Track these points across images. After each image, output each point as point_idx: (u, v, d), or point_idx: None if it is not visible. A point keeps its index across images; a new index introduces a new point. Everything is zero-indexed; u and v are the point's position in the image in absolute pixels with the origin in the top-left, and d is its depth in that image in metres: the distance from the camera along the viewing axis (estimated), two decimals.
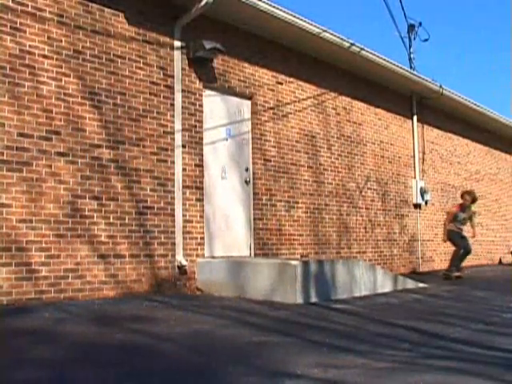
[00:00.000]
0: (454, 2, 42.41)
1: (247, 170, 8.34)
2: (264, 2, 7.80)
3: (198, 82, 7.68)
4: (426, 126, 12.69)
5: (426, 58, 29.34)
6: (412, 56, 14.77)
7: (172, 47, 7.40)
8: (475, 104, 13.38)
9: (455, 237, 10.52)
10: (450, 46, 43.51)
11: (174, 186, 7.21)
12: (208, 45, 7.41)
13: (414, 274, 10.58)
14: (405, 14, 17.32)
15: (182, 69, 7.48)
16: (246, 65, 8.40)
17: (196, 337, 4.49)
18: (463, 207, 10.58)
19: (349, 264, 7.35)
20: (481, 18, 44.03)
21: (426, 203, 12.27)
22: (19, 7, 5.97)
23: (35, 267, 5.81)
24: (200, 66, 7.68)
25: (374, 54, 9.97)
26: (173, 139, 7.27)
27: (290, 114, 9.10)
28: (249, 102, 8.47)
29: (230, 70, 8.14)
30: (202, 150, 7.65)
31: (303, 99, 9.38)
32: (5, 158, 5.72)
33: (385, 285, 7.78)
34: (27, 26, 6.02)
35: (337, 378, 3.29)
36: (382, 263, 10.62)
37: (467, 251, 10.58)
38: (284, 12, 8.16)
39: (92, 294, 6.22)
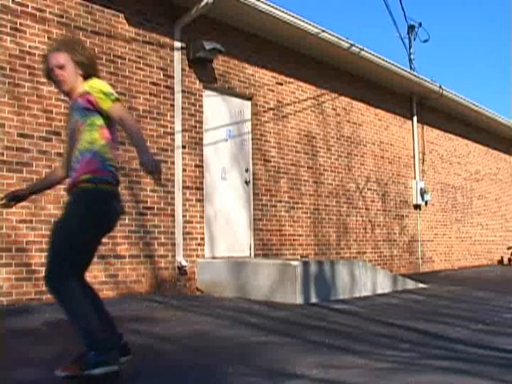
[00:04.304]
0: (453, 3, 42.43)
1: (247, 170, 8.34)
2: (264, 3, 7.81)
3: (198, 82, 7.69)
4: (425, 127, 12.70)
5: (425, 58, 29.37)
6: (412, 57, 14.82)
7: (172, 48, 7.40)
8: (475, 104, 13.39)
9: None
10: (450, 47, 43.54)
11: (174, 186, 7.21)
12: (208, 45, 7.41)
13: (414, 275, 10.58)
14: (405, 14, 17.41)
15: (182, 69, 7.49)
16: (246, 65, 8.40)
17: (196, 337, 4.49)
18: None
19: (349, 264, 7.34)
20: (481, 18, 44.07)
21: (426, 204, 12.28)
22: (19, 8, 5.98)
23: (35, 268, 5.82)
24: (200, 66, 7.69)
25: (374, 55, 9.98)
26: (173, 140, 7.27)
27: (290, 114, 9.11)
28: (249, 103, 8.48)
29: (230, 71, 8.15)
30: (202, 150, 7.65)
31: (303, 100, 9.38)
32: (5, 158, 5.73)
33: (385, 285, 7.78)
34: (27, 27, 6.02)
35: (337, 379, 3.29)
36: (382, 264, 10.62)
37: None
38: (284, 12, 8.16)
39: None
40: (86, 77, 3.22)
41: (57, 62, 3.19)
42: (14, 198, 3.39)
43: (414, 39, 14.99)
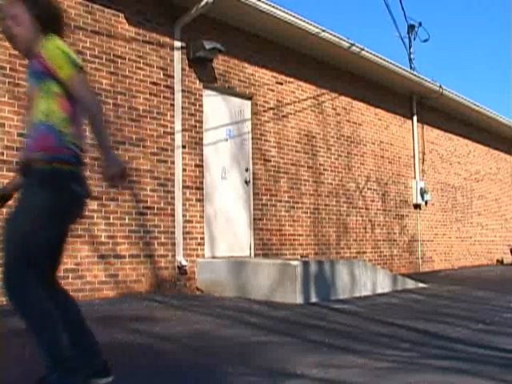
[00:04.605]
0: (453, 3, 42.43)
1: (247, 170, 8.34)
2: (264, 2, 7.81)
3: (198, 82, 7.68)
4: (425, 126, 12.70)
5: (425, 58, 29.38)
6: (412, 56, 14.81)
7: (172, 47, 7.40)
8: (475, 104, 13.39)
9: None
10: (450, 46, 43.55)
11: (174, 186, 7.21)
12: (208, 45, 7.41)
13: (414, 274, 10.58)
14: (405, 14, 17.47)
15: (182, 69, 7.48)
16: (246, 65, 8.40)
17: (196, 336, 4.49)
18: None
19: (349, 264, 7.34)
20: (481, 18, 44.08)
21: (426, 203, 12.28)
22: None
23: None
24: (200, 66, 7.69)
25: (374, 55, 9.98)
26: (173, 139, 7.27)
27: (290, 114, 9.11)
28: (249, 102, 8.48)
29: (230, 70, 8.14)
30: (202, 150, 7.65)
31: (303, 99, 9.38)
32: (5, 158, 5.72)
33: (385, 285, 7.78)
34: None
35: (337, 378, 3.29)
36: (382, 263, 10.62)
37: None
38: (284, 12, 8.16)
39: (92, 294, 6.22)
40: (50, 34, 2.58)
41: (9, 11, 2.57)
42: (2, 198, 2.83)
43: (414, 39, 14.99)
